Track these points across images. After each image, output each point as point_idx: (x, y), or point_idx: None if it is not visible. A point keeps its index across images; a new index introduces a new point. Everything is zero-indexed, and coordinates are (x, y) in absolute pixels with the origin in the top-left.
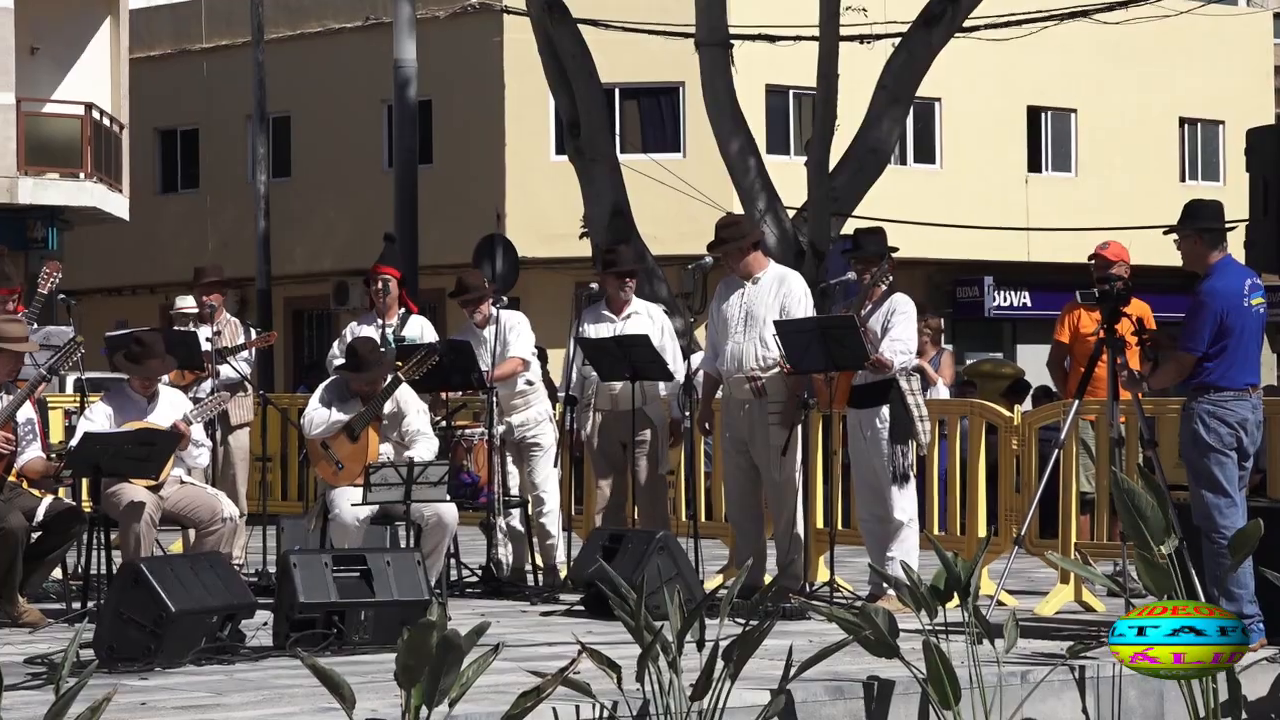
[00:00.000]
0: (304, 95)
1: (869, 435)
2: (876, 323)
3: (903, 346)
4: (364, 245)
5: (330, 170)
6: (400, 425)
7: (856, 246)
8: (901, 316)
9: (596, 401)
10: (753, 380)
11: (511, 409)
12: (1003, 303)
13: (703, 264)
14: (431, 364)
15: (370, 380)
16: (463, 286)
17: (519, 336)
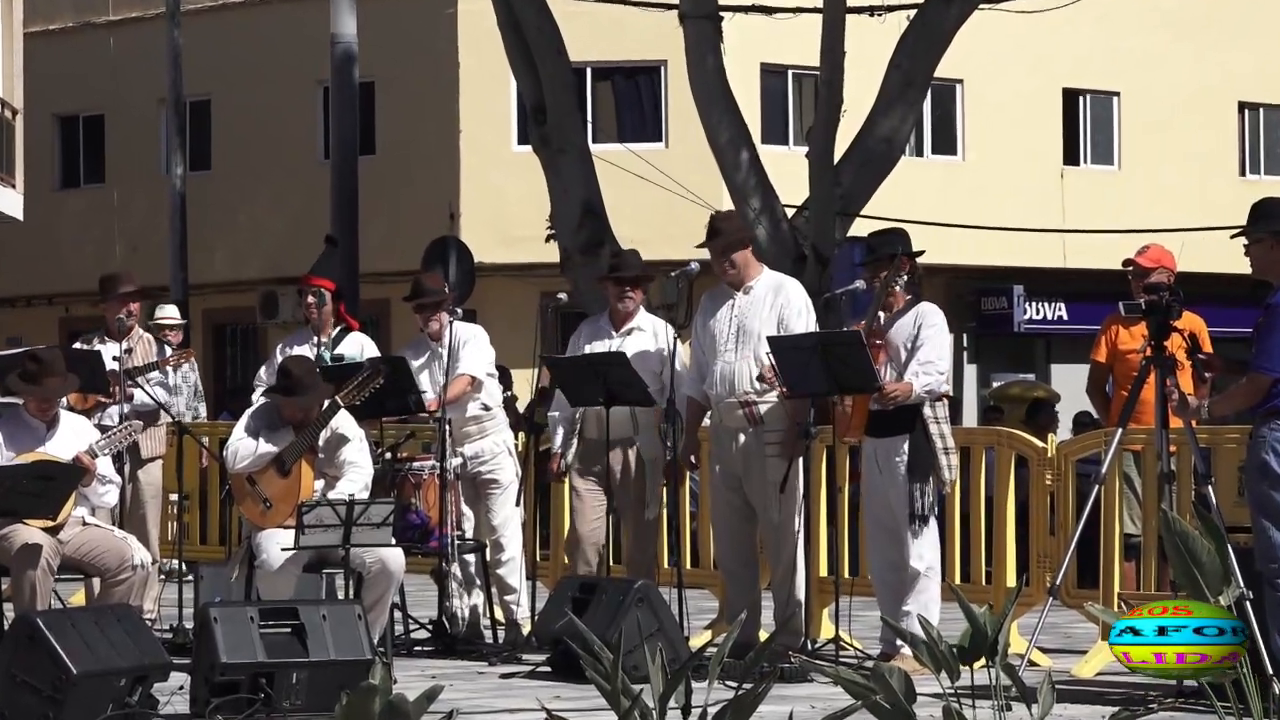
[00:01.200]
0: (227, 76)
1: (886, 469)
2: (900, 337)
3: (934, 369)
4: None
5: (257, 162)
6: (336, 457)
7: (869, 251)
8: (931, 330)
9: (583, 429)
10: (747, 406)
11: (464, 438)
12: (1035, 315)
13: (688, 271)
14: (375, 386)
15: (305, 406)
16: (419, 289)
17: (474, 352)
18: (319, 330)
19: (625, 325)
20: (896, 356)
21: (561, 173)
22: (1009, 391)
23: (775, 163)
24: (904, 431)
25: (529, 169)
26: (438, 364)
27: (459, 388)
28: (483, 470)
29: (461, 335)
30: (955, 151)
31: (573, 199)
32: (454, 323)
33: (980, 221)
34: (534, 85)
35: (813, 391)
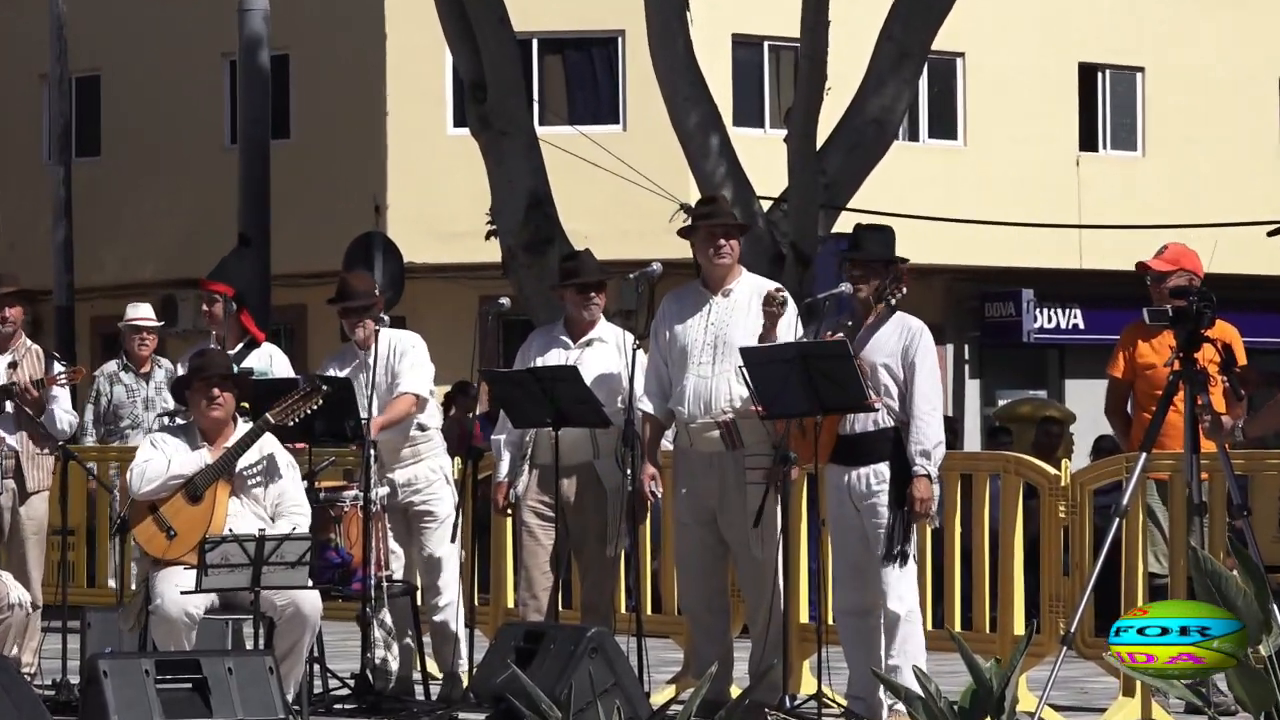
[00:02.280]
0: (118, 49)
1: (861, 500)
2: (880, 354)
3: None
4: (199, 247)
5: (154, 148)
6: (266, 489)
7: (855, 245)
8: (927, 355)
9: (534, 453)
10: (724, 427)
11: (397, 462)
12: (1046, 324)
13: (649, 273)
14: (313, 407)
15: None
16: (346, 291)
17: (414, 365)
18: (222, 341)
19: (585, 335)
20: (874, 375)
21: (504, 159)
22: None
23: (749, 148)
24: (880, 459)
25: (466, 155)
26: (365, 376)
27: (402, 408)
28: (416, 500)
29: (397, 345)
30: (955, 136)
31: (517, 189)
32: (385, 330)
33: (984, 215)
34: (472, 59)
35: (793, 411)
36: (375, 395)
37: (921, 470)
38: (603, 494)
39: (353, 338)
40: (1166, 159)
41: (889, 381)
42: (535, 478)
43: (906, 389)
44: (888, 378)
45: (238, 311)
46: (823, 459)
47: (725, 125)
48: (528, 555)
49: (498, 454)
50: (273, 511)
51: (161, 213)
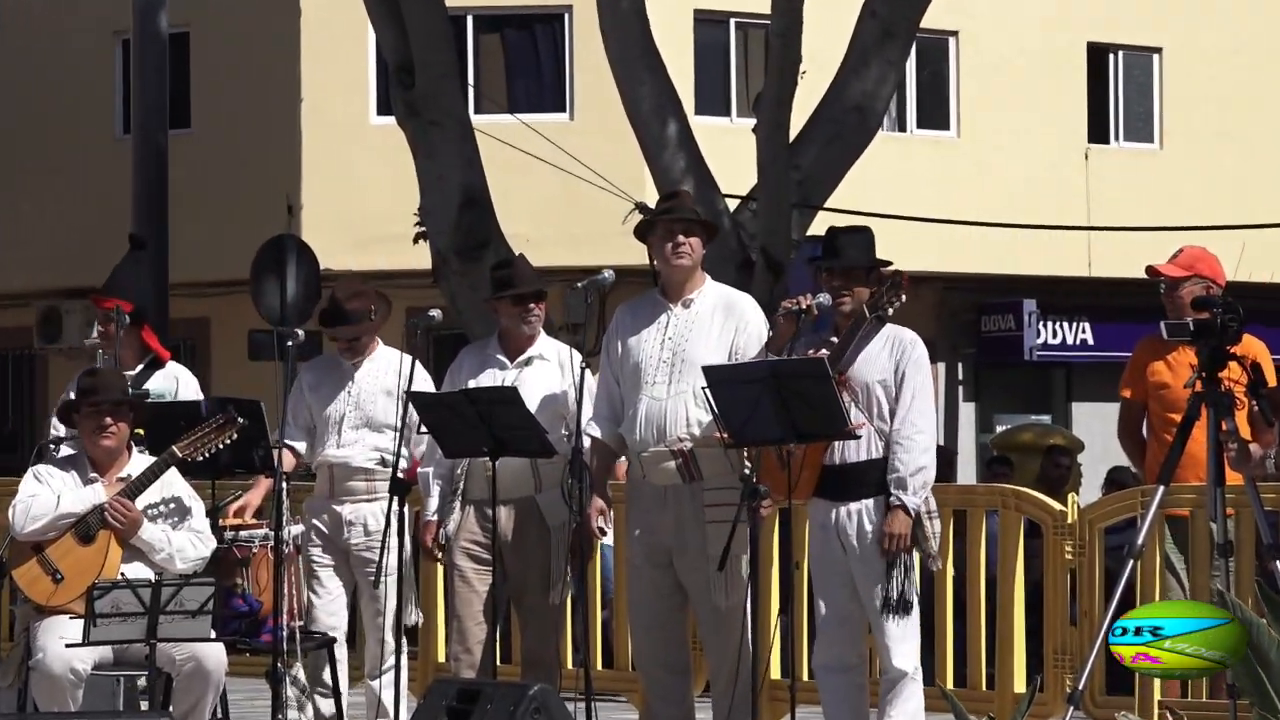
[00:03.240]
0: None
1: (850, 540)
2: (870, 372)
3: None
4: (86, 251)
5: (34, 138)
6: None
7: (831, 252)
8: (918, 370)
9: (467, 487)
10: (682, 456)
11: (347, 495)
12: (1051, 339)
13: (599, 280)
14: (228, 440)
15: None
16: (343, 313)
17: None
18: (120, 361)
19: (523, 353)
20: (864, 396)
21: (435, 152)
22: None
23: (713, 139)
24: (874, 493)
25: (391, 148)
26: (346, 396)
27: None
28: (362, 545)
29: (391, 368)
30: (947, 126)
31: (449, 186)
32: (384, 348)
33: (979, 216)
34: (398, 38)
35: (763, 439)
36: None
37: (904, 501)
38: (546, 532)
39: (345, 361)
40: (1187, 152)
41: (884, 403)
42: (468, 515)
43: (896, 407)
44: (882, 398)
45: (138, 327)
46: (804, 493)
47: (686, 113)
48: (460, 603)
49: (425, 488)
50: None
51: (42, 213)
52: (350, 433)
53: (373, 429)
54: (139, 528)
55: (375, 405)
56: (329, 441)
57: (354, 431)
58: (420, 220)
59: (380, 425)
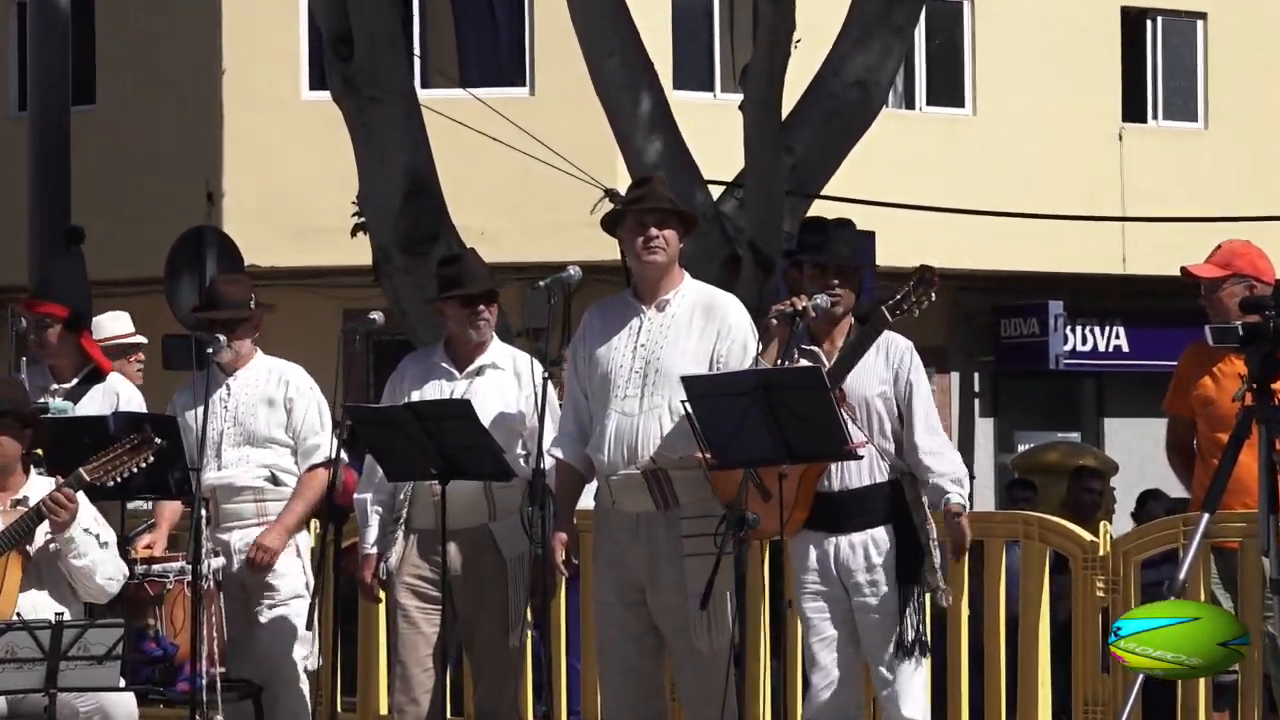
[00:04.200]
0: None
1: (852, 577)
2: (869, 386)
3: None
4: None
5: None
6: None
7: (820, 245)
8: (923, 377)
9: (411, 514)
10: (656, 480)
11: (236, 521)
12: (1080, 345)
13: (564, 278)
14: (145, 462)
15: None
16: (216, 298)
17: (318, 429)
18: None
19: (473, 361)
20: (864, 411)
21: (376, 133)
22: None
23: (693, 117)
24: (880, 521)
25: (326, 127)
26: (224, 410)
27: (317, 490)
28: (256, 576)
29: (288, 382)
30: (961, 102)
31: (392, 171)
32: (265, 358)
33: (998, 205)
34: (334, 3)
35: (750, 459)
36: (226, 437)
37: (955, 501)
38: (502, 566)
39: (215, 359)
40: (1235, 132)
41: (885, 419)
42: (414, 546)
43: (905, 424)
44: (884, 413)
45: (75, 334)
46: (794, 529)
47: (663, 88)
48: (404, 647)
49: (363, 517)
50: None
51: None
52: (231, 451)
53: (255, 445)
54: (74, 519)
55: (255, 418)
56: (208, 464)
57: (235, 450)
58: (359, 210)
59: (264, 440)
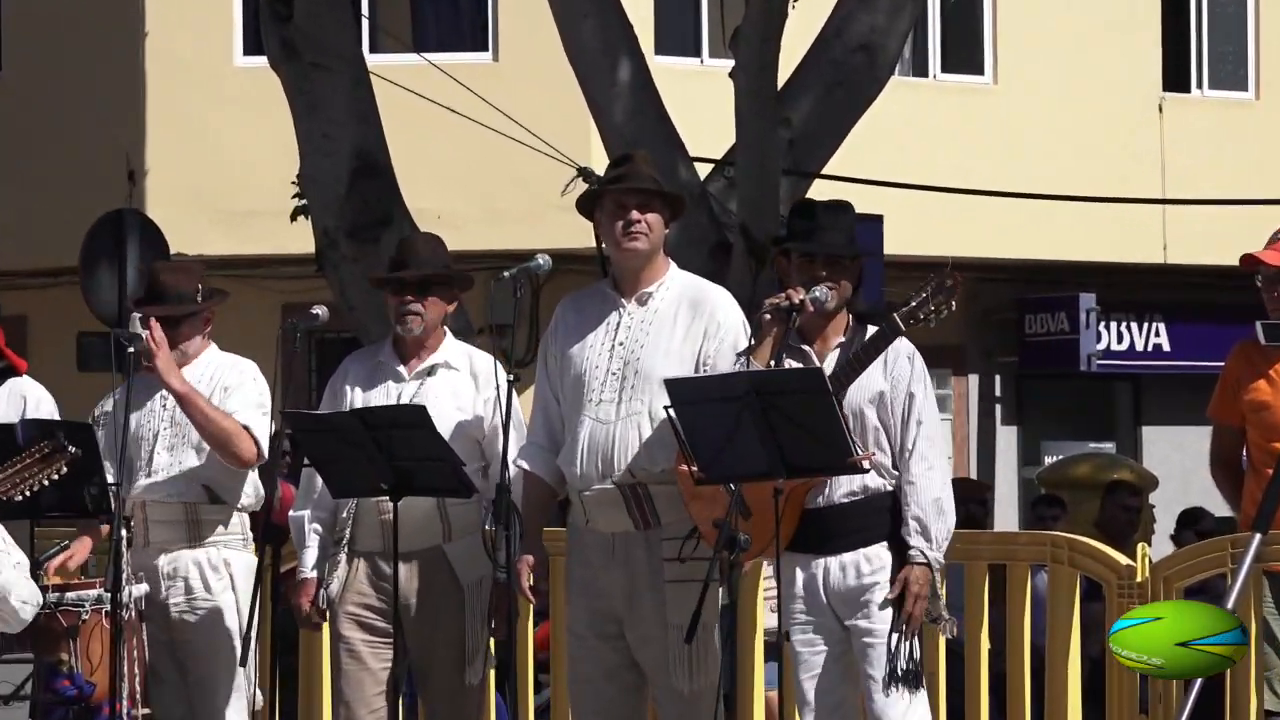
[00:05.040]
0: None
1: (844, 601)
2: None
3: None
4: None
5: None
6: None
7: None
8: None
9: (355, 535)
10: (634, 495)
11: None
12: (1115, 344)
13: (532, 267)
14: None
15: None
16: (160, 290)
17: (251, 404)
18: None
19: (423, 361)
20: (857, 422)
21: (319, 103)
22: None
23: (677, 85)
24: (875, 539)
25: (262, 97)
26: (162, 410)
27: (231, 428)
28: (183, 603)
29: (222, 375)
30: (981, 69)
31: (338, 147)
32: (213, 353)
33: (1021, 186)
34: None
35: (742, 473)
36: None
37: (928, 557)
38: (458, 593)
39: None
40: None
41: (881, 431)
42: (358, 571)
43: (900, 437)
44: (878, 424)
45: None
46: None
47: (644, 53)
48: (349, 684)
49: (300, 536)
50: None
51: None
52: (164, 455)
53: (197, 451)
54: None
55: None
56: (138, 471)
57: (169, 454)
58: (300, 191)
59: (203, 444)
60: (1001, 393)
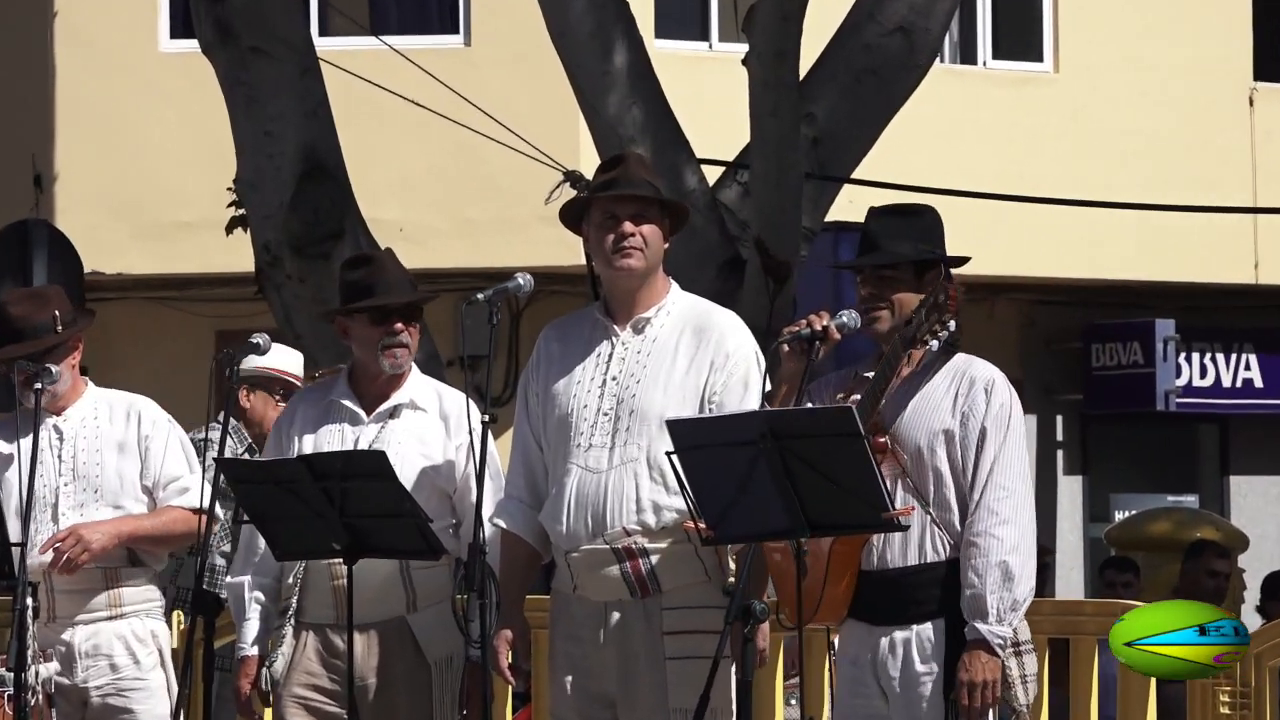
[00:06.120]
0: None
1: (894, 686)
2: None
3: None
4: None
5: None
6: None
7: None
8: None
9: (302, 604)
10: (629, 556)
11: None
12: (1197, 379)
13: (510, 288)
14: None
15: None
16: (10, 324)
17: (178, 455)
18: None
19: (386, 400)
20: (915, 465)
21: (260, 95)
22: (1148, 530)
23: (681, 73)
24: (933, 614)
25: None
26: (58, 461)
27: (179, 526)
28: (104, 685)
29: (142, 417)
30: (1040, 56)
31: (282, 147)
32: (95, 390)
33: (1086, 193)
34: None
35: (757, 531)
36: (64, 497)
37: (982, 634)
38: (424, 671)
39: (22, 401)
40: None
41: (946, 476)
42: (307, 646)
43: (969, 485)
44: (944, 469)
45: None
46: (834, 614)
47: (642, 38)
48: None
49: (239, 607)
50: None
51: None
52: (73, 514)
53: (108, 504)
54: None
55: (103, 469)
56: (39, 533)
57: (77, 513)
58: (237, 199)
59: (115, 498)
60: (1064, 437)
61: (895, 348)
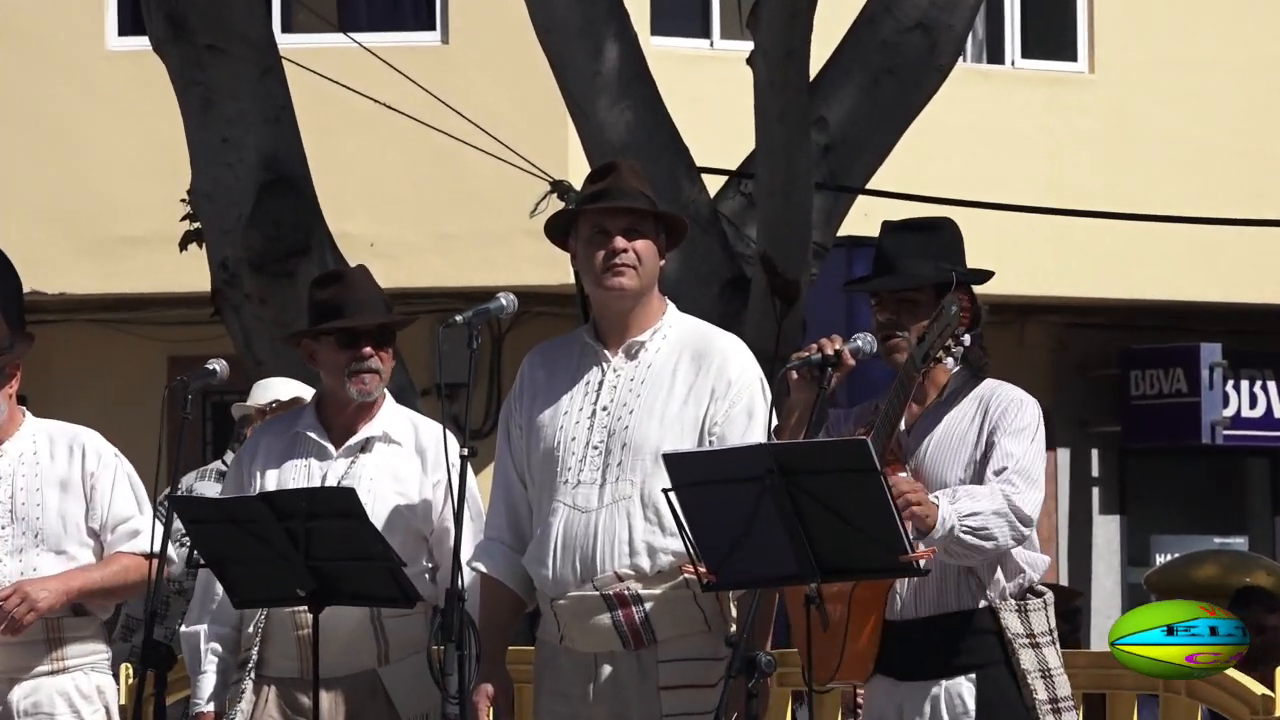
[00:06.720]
0: None
1: None
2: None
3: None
4: None
5: None
6: None
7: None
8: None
9: (264, 656)
10: (622, 604)
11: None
12: (1248, 408)
13: (492, 309)
14: None
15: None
16: None
17: (127, 496)
18: None
19: (356, 432)
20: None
21: (217, 98)
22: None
23: (680, 74)
24: (966, 669)
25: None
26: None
27: (132, 574)
28: None
29: (86, 452)
30: (1074, 55)
31: (241, 154)
32: (34, 421)
33: (1126, 204)
34: None
35: (763, 576)
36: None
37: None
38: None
39: None
40: None
41: None
42: (268, 702)
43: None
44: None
45: None
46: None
47: (636, 35)
48: None
49: (195, 659)
50: None
51: None
52: (11, 562)
53: (47, 550)
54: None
55: (44, 510)
56: None
57: (15, 560)
58: (192, 211)
59: (58, 542)
60: (1100, 472)
61: (907, 369)
